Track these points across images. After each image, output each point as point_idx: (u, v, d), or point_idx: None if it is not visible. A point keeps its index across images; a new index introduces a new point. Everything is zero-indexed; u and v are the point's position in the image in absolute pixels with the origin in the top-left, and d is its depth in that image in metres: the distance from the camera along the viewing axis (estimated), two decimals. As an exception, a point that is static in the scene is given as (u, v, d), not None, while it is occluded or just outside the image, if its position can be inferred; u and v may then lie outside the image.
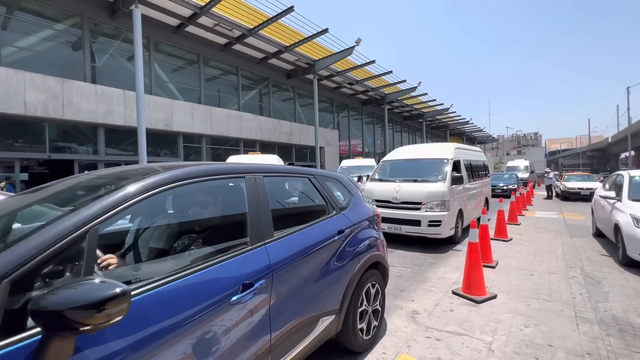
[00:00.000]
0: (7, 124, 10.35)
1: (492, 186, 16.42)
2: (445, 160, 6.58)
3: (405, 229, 6.09)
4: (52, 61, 11.28)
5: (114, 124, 12.27)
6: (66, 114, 10.99)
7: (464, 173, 6.93)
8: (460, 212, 6.62)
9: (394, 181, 6.63)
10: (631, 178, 5.77)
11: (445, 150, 7.02)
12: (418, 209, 6.00)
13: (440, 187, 6.02)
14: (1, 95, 9.70)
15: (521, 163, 24.02)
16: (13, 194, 4.25)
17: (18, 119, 10.34)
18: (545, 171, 17.75)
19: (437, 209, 5.87)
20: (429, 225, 5.83)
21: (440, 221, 5.82)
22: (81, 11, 11.75)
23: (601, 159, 68.39)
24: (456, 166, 6.77)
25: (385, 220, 6.08)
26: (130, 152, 13.07)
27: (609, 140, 58.37)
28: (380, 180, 6.96)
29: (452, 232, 6.11)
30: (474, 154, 8.66)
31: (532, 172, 22.27)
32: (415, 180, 6.43)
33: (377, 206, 5.76)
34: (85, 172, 3.02)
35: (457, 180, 6.28)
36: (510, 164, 24.76)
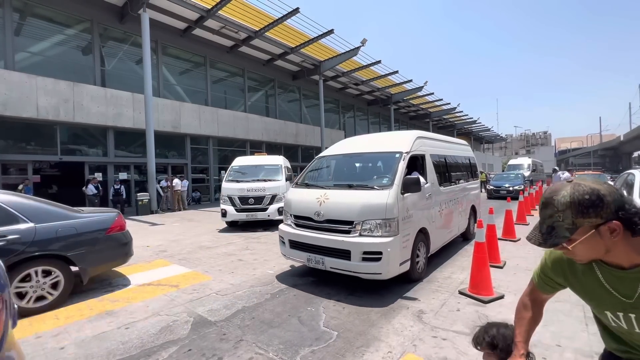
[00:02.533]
0: (20, 128, 10.62)
1: (497, 187, 16.10)
2: (397, 155, 4.31)
3: (330, 263, 3.86)
4: (63, 65, 11.54)
5: (123, 127, 12.49)
6: (77, 117, 11.23)
7: (430, 174, 4.82)
8: (424, 233, 4.44)
9: (322, 187, 4.41)
10: (643, 177, 5.65)
11: (401, 141, 4.71)
12: (348, 231, 3.80)
13: (382, 196, 3.79)
14: (15, 99, 9.96)
15: (524, 161, 22.83)
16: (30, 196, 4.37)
17: (31, 122, 10.60)
18: (554, 169, 17.29)
19: (376, 231, 3.71)
20: (364, 259, 3.64)
21: (380, 253, 3.60)
22: (91, 16, 12.00)
23: (613, 157, 67.06)
24: (416, 164, 4.80)
25: (304, 247, 4.11)
26: (139, 154, 13.28)
27: (621, 138, 57.21)
28: (306, 185, 4.65)
29: (403, 269, 3.87)
30: (450, 147, 6.33)
31: (534, 170, 21.28)
32: (349, 186, 4.21)
33: (296, 225, 4.25)
34: None
35: (412, 186, 3.94)
36: (512, 162, 23.59)
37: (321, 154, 5.35)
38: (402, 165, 4.12)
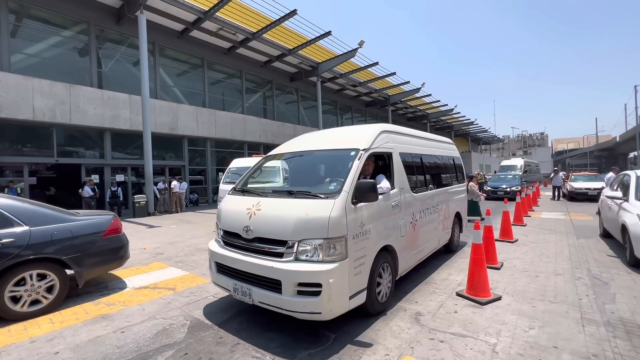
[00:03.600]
0: (16, 129, 10.56)
1: (494, 188, 16.12)
2: (352, 153, 3.41)
3: (258, 296, 2.92)
4: (59, 67, 11.48)
5: (120, 128, 12.44)
6: (73, 119, 11.18)
7: (399, 177, 3.92)
8: (389, 252, 3.55)
9: (259, 194, 3.51)
10: (638, 178, 5.69)
11: (360, 135, 3.82)
12: (280, 254, 2.89)
13: (324, 207, 2.88)
14: (11, 101, 9.90)
15: (517, 162, 22.51)
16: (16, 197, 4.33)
17: (27, 124, 10.54)
18: (554, 170, 17.30)
19: (316, 255, 2.79)
20: (299, 293, 2.74)
21: (319, 285, 2.69)
22: (88, 18, 11.96)
23: (609, 158, 67.42)
24: (380, 164, 4.16)
25: (231, 273, 3.21)
26: (136, 156, 13.23)
27: (617, 139, 57.55)
28: (243, 192, 3.71)
29: (355, 303, 2.95)
30: (429, 144, 5.39)
31: (526, 171, 21.11)
32: (289, 193, 3.27)
33: (225, 243, 3.37)
34: None
35: (366, 193, 3.03)
36: (504, 163, 23.28)
37: (270, 152, 4.41)
38: (355, 166, 3.19)
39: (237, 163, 9.42)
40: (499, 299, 3.71)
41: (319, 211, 2.87)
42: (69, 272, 3.76)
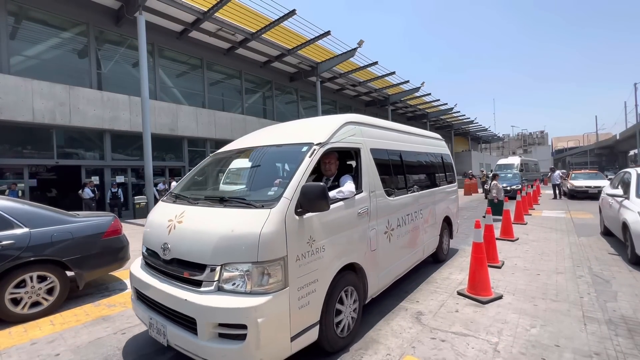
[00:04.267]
0: (16, 131, 10.55)
1: None
2: (304, 149, 2.72)
3: (173, 337, 2.26)
4: (59, 69, 11.48)
5: (119, 130, 12.43)
6: (73, 121, 11.17)
7: (368, 177, 3.20)
8: (355, 271, 2.92)
9: (189, 202, 2.77)
10: (639, 175, 5.69)
11: (318, 128, 3.17)
12: (199, 282, 2.23)
13: (255, 221, 2.20)
14: (10, 103, 9.90)
15: (514, 161, 22.33)
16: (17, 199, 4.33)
17: (26, 126, 10.53)
18: (551, 168, 17.28)
19: (243, 285, 2.13)
20: (221, 336, 2.09)
21: (244, 327, 2.02)
22: (87, 19, 11.95)
23: (609, 156, 67.44)
24: (350, 163, 3.47)
25: (148, 302, 2.56)
26: (136, 157, 13.23)
27: (617, 137, 57.56)
28: (175, 199, 2.96)
29: (302, 343, 2.32)
30: (411, 139, 4.70)
31: (522, 170, 20.99)
32: (221, 201, 2.56)
33: (146, 264, 2.77)
34: None
35: (315, 200, 2.31)
36: (501, 162, 22.98)
37: (219, 150, 3.73)
38: (304, 166, 2.50)
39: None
40: (500, 297, 3.70)
41: (248, 226, 2.16)
42: (69, 273, 3.76)
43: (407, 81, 23.33)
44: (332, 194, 2.69)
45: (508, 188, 15.70)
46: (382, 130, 3.93)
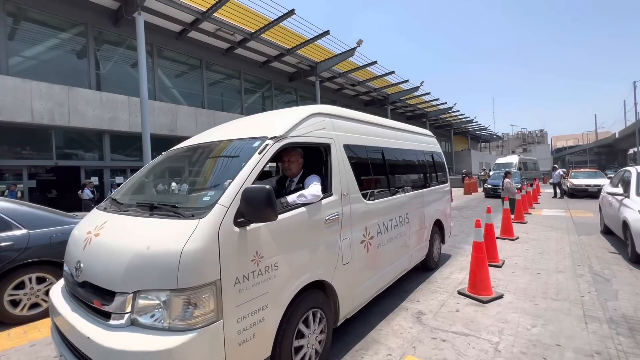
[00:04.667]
0: (15, 132, 10.53)
1: (494, 186, 16.12)
2: (256, 144, 2.24)
3: None
4: (57, 69, 11.45)
5: (119, 130, 12.42)
6: (72, 121, 11.15)
7: (340, 178, 2.75)
8: (324, 290, 2.51)
9: (117, 210, 2.32)
10: (639, 174, 5.68)
11: (276, 121, 2.73)
12: (107, 314, 1.72)
13: (179, 233, 1.71)
14: (9, 104, 9.87)
15: (512, 160, 22.09)
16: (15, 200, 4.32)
17: (25, 127, 10.51)
18: (553, 167, 17.23)
19: (161, 318, 1.62)
20: None
21: None
22: (85, 20, 11.93)
23: (609, 155, 67.51)
24: (317, 162, 2.79)
25: (58, 333, 2.07)
26: (136, 158, 13.21)
27: (617, 136, 57.62)
28: (110, 205, 2.54)
29: None
30: (395, 135, 4.19)
31: (520, 169, 20.95)
32: (151, 208, 2.03)
33: (65, 284, 2.33)
34: None
35: (259, 209, 1.80)
36: (499, 161, 22.69)
37: (173, 147, 3.25)
38: (250, 164, 2.05)
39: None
40: (500, 297, 3.70)
41: (167, 241, 1.70)
42: (68, 275, 3.74)
43: (407, 80, 23.34)
44: (291, 198, 2.26)
45: None
46: (359, 124, 3.40)
